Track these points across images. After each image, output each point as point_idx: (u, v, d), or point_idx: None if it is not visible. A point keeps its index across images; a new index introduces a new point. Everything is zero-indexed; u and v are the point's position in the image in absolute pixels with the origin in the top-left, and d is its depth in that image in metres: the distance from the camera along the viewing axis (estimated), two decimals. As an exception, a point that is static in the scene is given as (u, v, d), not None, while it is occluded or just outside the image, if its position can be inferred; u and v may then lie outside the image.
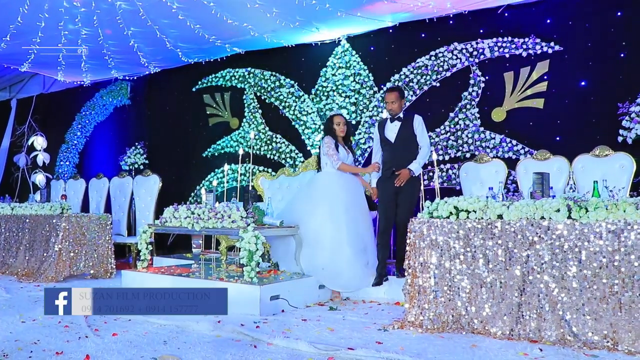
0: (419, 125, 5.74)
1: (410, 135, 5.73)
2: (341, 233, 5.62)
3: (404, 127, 5.74)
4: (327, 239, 5.61)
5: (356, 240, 5.70)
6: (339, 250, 5.58)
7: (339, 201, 5.80)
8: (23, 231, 7.65)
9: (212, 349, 3.71)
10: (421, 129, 5.75)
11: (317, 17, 7.08)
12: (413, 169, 5.60)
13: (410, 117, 5.79)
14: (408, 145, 5.70)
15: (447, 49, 7.33)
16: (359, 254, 5.67)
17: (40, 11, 6.61)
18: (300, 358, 3.51)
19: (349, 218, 5.72)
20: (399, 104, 5.76)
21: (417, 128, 5.73)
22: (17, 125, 12.95)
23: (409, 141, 5.72)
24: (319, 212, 5.73)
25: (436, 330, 4.24)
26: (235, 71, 9.15)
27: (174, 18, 6.93)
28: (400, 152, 5.68)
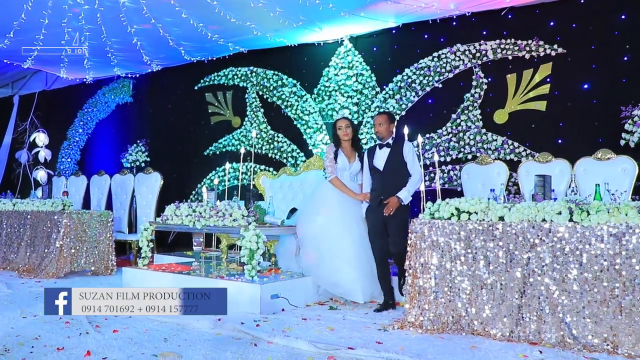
0: (409, 152, 5.43)
1: (400, 162, 5.41)
2: (338, 244, 5.40)
3: (393, 154, 5.43)
4: (325, 248, 5.42)
5: (352, 249, 5.40)
6: (335, 261, 5.37)
7: (334, 212, 5.55)
8: (24, 227, 7.66)
9: (213, 346, 3.72)
10: (412, 155, 5.43)
11: (321, 17, 7.07)
12: (402, 197, 5.27)
13: (400, 144, 5.49)
14: (397, 173, 5.39)
15: (450, 50, 7.33)
16: (354, 263, 5.37)
17: (44, 8, 6.61)
18: (301, 357, 3.52)
19: (344, 229, 5.47)
20: (387, 128, 5.46)
21: (407, 155, 5.42)
22: (19, 121, 12.96)
23: (398, 169, 5.40)
24: (318, 221, 5.53)
25: (436, 331, 4.24)
26: (237, 70, 9.15)
27: (177, 16, 6.93)
28: (389, 180, 5.36)
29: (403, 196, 5.28)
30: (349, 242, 5.42)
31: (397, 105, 7.61)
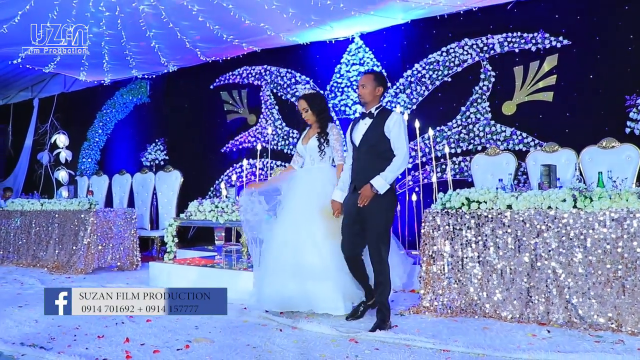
0: (394, 126, 4.25)
1: (380, 137, 4.26)
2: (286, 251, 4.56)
3: (373, 127, 4.31)
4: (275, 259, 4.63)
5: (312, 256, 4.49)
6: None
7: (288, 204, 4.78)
8: (52, 226, 7.98)
9: (241, 332, 3.99)
10: (397, 130, 4.24)
11: (332, 16, 7.32)
12: (376, 185, 4.16)
13: (386, 115, 4.33)
14: (377, 152, 4.27)
15: (458, 45, 7.53)
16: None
17: (68, 16, 6.93)
18: (324, 339, 3.78)
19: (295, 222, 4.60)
20: (371, 91, 4.35)
21: (391, 129, 4.25)
22: (40, 124, 13.30)
23: (378, 146, 4.27)
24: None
25: (450, 315, 4.49)
26: (251, 68, 9.41)
27: (194, 20, 7.22)
28: (365, 161, 4.30)
29: (377, 184, 4.17)
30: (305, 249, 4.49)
31: (407, 99, 7.84)
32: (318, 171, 4.78)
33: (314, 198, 4.62)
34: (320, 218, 4.52)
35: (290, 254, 4.47)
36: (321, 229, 4.50)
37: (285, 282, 4.44)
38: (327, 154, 4.76)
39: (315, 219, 4.53)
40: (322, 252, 4.46)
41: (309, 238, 4.49)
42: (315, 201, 4.59)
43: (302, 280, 4.42)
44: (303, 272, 4.41)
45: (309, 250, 4.47)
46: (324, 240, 4.48)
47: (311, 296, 4.42)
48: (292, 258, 4.45)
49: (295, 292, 4.43)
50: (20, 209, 8.51)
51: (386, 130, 4.25)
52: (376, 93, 4.37)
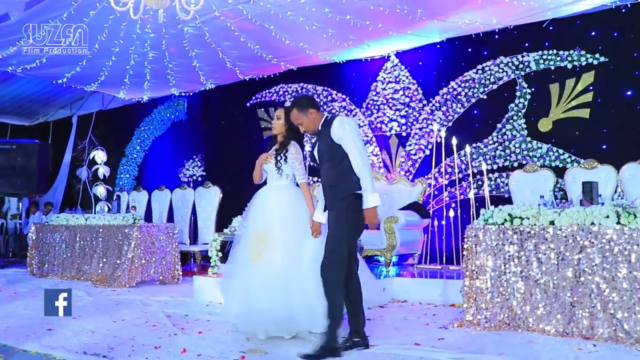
0: (338, 129, 3.86)
1: (331, 147, 3.90)
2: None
3: (323, 140, 4.00)
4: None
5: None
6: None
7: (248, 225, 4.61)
8: (97, 240, 8.22)
9: (293, 343, 4.12)
10: (342, 132, 3.85)
11: (370, 36, 7.50)
12: (371, 203, 3.85)
13: (330, 122, 3.94)
14: (337, 163, 3.90)
15: (494, 63, 7.65)
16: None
17: (116, 38, 7.21)
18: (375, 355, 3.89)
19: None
20: (309, 121, 4.02)
21: (337, 133, 3.86)
22: (78, 140, 13.69)
23: (335, 157, 3.91)
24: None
25: (493, 329, 4.56)
26: (288, 86, 9.64)
27: (236, 40, 7.47)
28: (329, 177, 3.99)
29: (371, 201, 3.85)
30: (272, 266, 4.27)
31: (443, 117, 7.96)
32: (269, 190, 4.62)
33: (250, 221, 4.55)
34: (250, 241, 4.40)
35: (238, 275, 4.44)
36: (252, 251, 4.35)
37: (231, 303, 4.50)
38: (285, 171, 4.53)
39: (246, 242, 4.45)
40: (249, 274, 4.31)
41: (243, 262, 4.41)
42: (251, 224, 4.50)
43: (244, 302, 4.32)
44: (245, 294, 4.31)
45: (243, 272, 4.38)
46: (249, 264, 4.32)
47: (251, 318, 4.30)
48: (240, 279, 4.40)
49: (239, 312, 4.39)
50: (65, 223, 8.78)
51: (334, 137, 3.87)
52: (312, 116, 4.03)
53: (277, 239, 4.28)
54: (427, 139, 8.15)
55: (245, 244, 4.46)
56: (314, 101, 4.17)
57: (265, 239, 4.30)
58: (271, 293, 4.13)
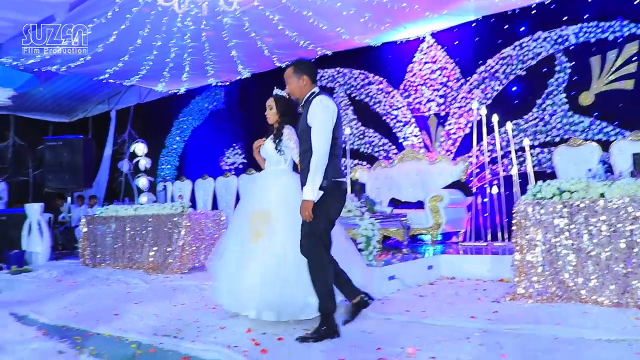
0: (311, 112, 3.69)
1: (306, 131, 3.72)
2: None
3: (302, 121, 3.82)
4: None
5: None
6: None
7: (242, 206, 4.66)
8: (147, 229, 8.46)
9: (359, 322, 4.26)
10: (312, 117, 3.67)
11: (406, 18, 7.54)
12: (305, 197, 3.67)
13: (309, 102, 3.77)
14: (308, 148, 3.73)
15: (531, 38, 7.63)
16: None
17: (158, 32, 7.39)
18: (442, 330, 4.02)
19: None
20: (296, 85, 3.91)
21: (310, 119, 3.69)
22: (118, 134, 14.01)
23: (308, 141, 3.73)
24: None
25: (546, 301, 4.63)
26: (324, 71, 9.73)
27: (273, 28, 7.60)
28: (304, 162, 3.82)
29: (305, 195, 3.66)
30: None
31: (482, 94, 7.97)
32: (267, 173, 4.55)
33: (247, 202, 4.57)
34: (249, 220, 4.35)
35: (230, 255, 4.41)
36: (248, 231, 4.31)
37: (221, 283, 4.47)
38: (284, 156, 4.43)
39: (245, 222, 4.40)
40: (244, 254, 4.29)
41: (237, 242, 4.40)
42: (249, 205, 4.48)
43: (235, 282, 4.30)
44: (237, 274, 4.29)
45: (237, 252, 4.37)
46: (247, 241, 4.29)
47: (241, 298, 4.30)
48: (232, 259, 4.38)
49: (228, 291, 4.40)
50: (114, 214, 9.04)
51: (308, 120, 3.69)
52: (302, 84, 3.87)
53: (277, 220, 4.18)
54: (466, 118, 8.17)
55: (244, 223, 4.40)
56: (313, 71, 3.94)
57: (266, 218, 4.24)
58: (269, 273, 4.05)
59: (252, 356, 3.34)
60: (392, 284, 5.50)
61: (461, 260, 6.35)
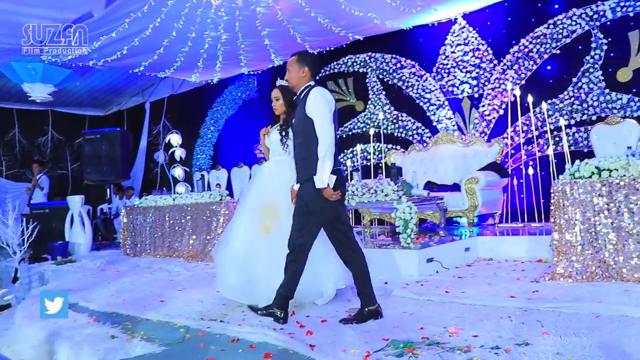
0: (311, 103, 3.75)
1: (306, 122, 3.76)
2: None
3: (299, 112, 3.88)
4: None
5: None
6: None
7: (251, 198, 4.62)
8: (185, 218, 8.66)
9: (391, 302, 4.35)
10: (313, 107, 3.74)
11: (437, 0, 7.51)
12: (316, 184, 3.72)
13: (307, 94, 3.83)
14: (307, 140, 3.78)
15: (566, 16, 7.53)
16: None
17: (193, 24, 7.52)
18: (475, 308, 4.07)
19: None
20: (295, 74, 3.98)
21: (310, 109, 3.75)
22: (152, 125, 14.25)
23: (306, 133, 3.78)
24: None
25: (585, 280, 4.63)
26: (356, 57, 9.76)
27: (306, 16, 7.67)
28: (299, 153, 3.91)
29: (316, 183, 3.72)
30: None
31: (516, 75, 7.91)
32: (273, 165, 4.55)
33: (254, 193, 4.57)
34: (259, 214, 4.39)
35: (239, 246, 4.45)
36: (259, 223, 4.35)
37: (229, 273, 4.52)
38: (290, 147, 4.37)
39: (254, 214, 4.44)
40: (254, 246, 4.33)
41: (247, 234, 4.43)
42: (256, 197, 4.50)
43: (244, 273, 4.38)
44: (247, 265, 4.36)
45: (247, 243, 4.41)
46: (258, 234, 4.32)
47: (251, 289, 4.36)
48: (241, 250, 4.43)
49: (237, 282, 4.44)
50: (154, 204, 9.25)
51: (308, 112, 3.75)
52: (302, 75, 3.93)
53: (284, 211, 4.22)
54: (500, 99, 8.13)
55: (252, 216, 4.44)
56: (315, 65, 4.00)
57: (275, 210, 4.30)
58: (280, 263, 4.02)
59: (298, 337, 3.44)
60: (431, 266, 5.55)
61: (498, 241, 6.37)
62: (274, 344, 3.38)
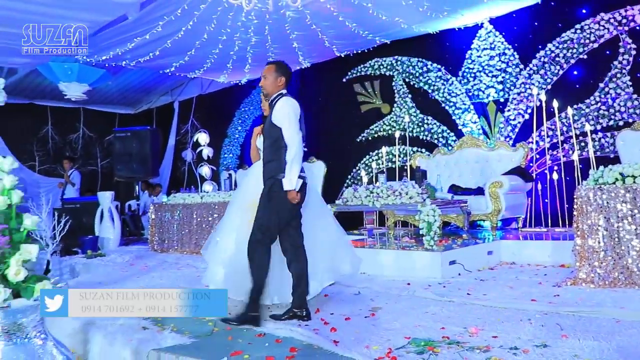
0: (278, 112, 3.97)
1: (272, 128, 3.99)
2: None
3: (269, 118, 4.07)
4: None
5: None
6: None
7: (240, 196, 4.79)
8: (212, 216, 8.84)
9: (413, 302, 4.45)
10: (281, 116, 3.95)
11: (464, 5, 7.58)
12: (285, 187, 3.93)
13: (276, 102, 4.07)
14: (275, 144, 3.99)
15: (594, 21, 7.53)
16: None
17: (223, 27, 7.71)
18: (494, 310, 4.16)
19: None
20: (272, 82, 4.14)
21: (277, 116, 3.97)
22: (181, 124, 14.48)
23: (273, 138, 4.00)
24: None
25: (607, 286, 4.68)
26: (383, 60, 9.85)
27: (334, 20, 7.80)
28: (266, 155, 4.10)
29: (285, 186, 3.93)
30: None
31: (542, 80, 7.94)
32: (260, 167, 4.43)
33: (242, 192, 4.72)
34: (245, 211, 4.46)
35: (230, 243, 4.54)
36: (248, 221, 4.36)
37: (218, 269, 4.62)
38: None
39: (240, 212, 4.54)
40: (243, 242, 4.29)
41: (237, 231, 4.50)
42: (244, 195, 4.61)
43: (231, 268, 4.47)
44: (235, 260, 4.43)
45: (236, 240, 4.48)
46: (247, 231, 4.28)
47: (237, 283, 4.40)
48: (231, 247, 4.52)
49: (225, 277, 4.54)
50: (182, 202, 9.46)
51: (274, 119, 3.97)
52: (278, 84, 4.13)
53: None
54: (525, 104, 8.16)
55: (237, 213, 4.58)
56: (290, 77, 4.23)
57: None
58: None
59: (322, 334, 3.57)
60: (453, 268, 5.64)
61: (521, 245, 6.42)
62: (299, 339, 3.51)
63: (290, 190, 3.91)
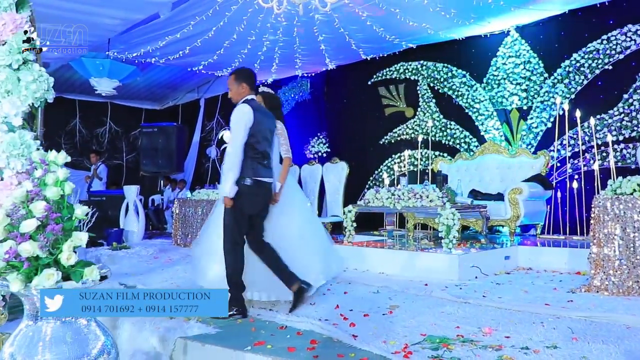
0: (231, 119, 4.15)
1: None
2: None
3: None
4: None
5: None
6: None
7: None
8: (235, 212, 9.02)
9: (433, 303, 4.59)
10: (230, 125, 4.16)
11: (491, 13, 7.68)
12: (221, 193, 4.22)
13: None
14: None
15: (620, 32, 7.57)
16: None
17: (253, 28, 7.91)
18: (508, 312, 4.28)
19: None
20: (235, 91, 4.31)
21: (230, 123, 4.18)
22: (206, 121, 14.69)
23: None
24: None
25: (621, 294, 4.77)
26: (408, 64, 9.98)
27: (362, 24, 7.97)
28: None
29: (221, 191, 4.20)
30: None
31: (566, 89, 8.00)
32: None
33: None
34: None
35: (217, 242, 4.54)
36: None
37: (211, 266, 4.64)
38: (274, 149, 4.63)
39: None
40: None
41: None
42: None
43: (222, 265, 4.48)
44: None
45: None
46: None
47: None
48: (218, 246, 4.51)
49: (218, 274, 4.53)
50: (206, 197, 9.65)
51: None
52: (241, 90, 4.26)
53: None
54: (549, 112, 8.23)
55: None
56: (252, 79, 4.33)
57: None
58: (254, 256, 4.36)
59: (342, 328, 3.73)
60: (470, 271, 5.76)
61: (538, 252, 6.51)
62: (319, 332, 3.67)
63: (224, 196, 4.05)
